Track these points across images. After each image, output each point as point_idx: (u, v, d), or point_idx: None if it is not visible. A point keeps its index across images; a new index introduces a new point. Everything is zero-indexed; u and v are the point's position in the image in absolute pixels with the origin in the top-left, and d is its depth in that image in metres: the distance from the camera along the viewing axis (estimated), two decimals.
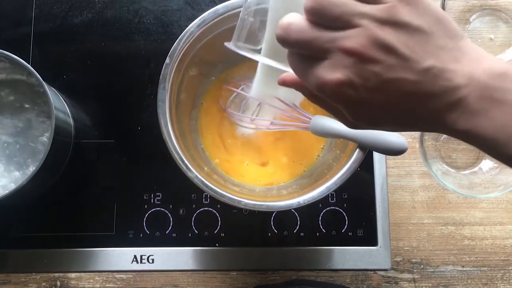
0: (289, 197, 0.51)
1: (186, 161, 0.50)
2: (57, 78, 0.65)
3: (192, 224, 0.61)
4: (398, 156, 0.63)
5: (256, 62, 0.61)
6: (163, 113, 0.50)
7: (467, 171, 0.64)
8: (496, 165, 0.62)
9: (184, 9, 0.66)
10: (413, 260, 0.62)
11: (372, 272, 0.62)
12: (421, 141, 0.61)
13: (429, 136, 0.64)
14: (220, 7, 0.52)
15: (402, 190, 0.63)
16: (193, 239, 0.61)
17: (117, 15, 0.66)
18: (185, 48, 0.52)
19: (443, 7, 0.62)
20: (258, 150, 0.61)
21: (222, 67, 0.62)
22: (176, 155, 0.50)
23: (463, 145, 0.64)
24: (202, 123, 0.61)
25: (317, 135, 0.52)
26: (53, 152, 0.55)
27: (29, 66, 0.56)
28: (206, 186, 0.49)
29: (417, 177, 0.64)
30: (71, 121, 0.63)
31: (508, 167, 0.33)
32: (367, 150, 0.49)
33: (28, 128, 0.61)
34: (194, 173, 0.49)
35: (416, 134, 0.64)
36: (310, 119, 0.53)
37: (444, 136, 0.65)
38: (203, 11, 0.64)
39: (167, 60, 0.51)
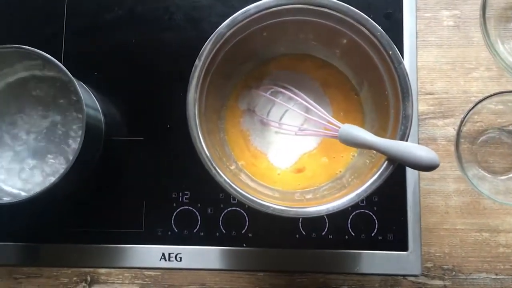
0: (318, 202, 0.50)
1: (215, 165, 0.49)
2: (88, 75, 0.65)
3: (220, 223, 0.61)
4: None
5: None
6: (192, 116, 0.50)
7: (504, 177, 0.61)
8: None
9: (214, 5, 0.65)
10: (445, 267, 0.61)
11: (401, 277, 0.61)
12: (456, 144, 0.58)
13: (465, 140, 0.62)
14: (251, 7, 0.51)
15: (435, 195, 0.62)
16: (220, 239, 0.61)
17: (148, 12, 0.66)
18: (215, 49, 0.51)
19: (485, 5, 0.59)
20: (290, 155, 0.60)
21: (250, 66, 0.61)
22: (205, 159, 0.49)
23: (501, 149, 0.62)
24: (228, 123, 0.60)
25: (345, 144, 0.51)
26: (85, 149, 0.56)
27: (59, 63, 0.56)
28: (235, 190, 0.49)
29: (451, 181, 0.62)
30: (102, 118, 0.63)
31: None
32: (397, 163, 0.47)
33: (61, 124, 0.62)
34: (223, 177, 0.49)
35: (452, 136, 0.62)
36: (339, 127, 0.51)
37: (481, 139, 0.62)
38: (234, 7, 0.64)
39: (197, 62, 0.51)
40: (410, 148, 0.46)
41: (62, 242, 0.62)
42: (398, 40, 0.63)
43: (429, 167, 0.45)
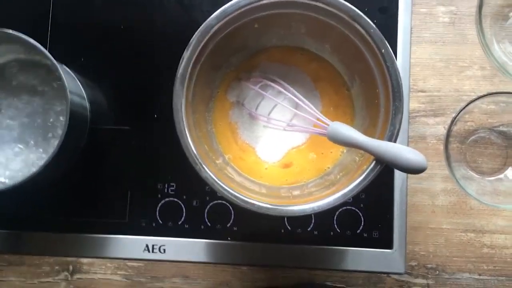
0: (305, 200, 0.50)
1: (200, 160, 0.49)
2: (75, 60, 0.63)
3: (205, 216, 0.61)
4: None
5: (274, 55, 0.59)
6: (178, 109, 0.49)
7: (492, 178, 0.61)
8: None
9: None
10: (429, 266, 0.61)
11: (385, 275, 0.61)
12: (446, 143, 0.58)
13: (454, 139, 0.61)
14: None
15: (423, 193, 0.61)
16: (205, 232, 0.61)
17: None
18: (204, 40, 0.50)
19: (481, 1, 0.58)
20: (278, 150, 0.59)
21: (241, 57, 0.59)
22: (190, 154, 0.49)
23: (490, 150, 0.61)
24: (216, 115, 0.59)
25: (334, 143, 0.50)
26: (69, 137, 0.55)
27: (42, 47, 0.55)
28: (220, 186, 0.48)
29: (439, 180, 0.61)
30: (87, 105, 0.61)
31: None
32: (384, 164, 0.47)
33: (45, 110, 0.61)
34: (208, 173, 0.48)
35: (441, 135, 0.61)
36: (328, 125, 0.50)
37: (471, 139, 0.62)
38: None
39: (185, 53, 0.49)
40: (398, 150, 0.45)
41: (45, 231, 0.61)
42: (392, 35, 0.62)
43: (417, 170, 0.44)
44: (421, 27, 0.63)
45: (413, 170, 0.44)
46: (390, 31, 0.62)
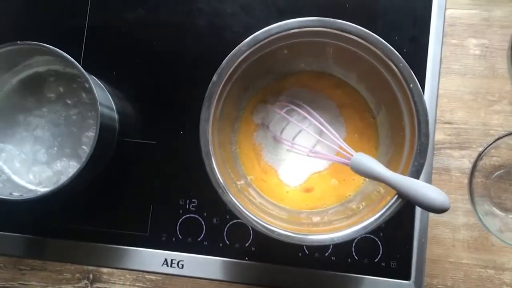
0: (324, 230, 0.50)
1: (223, 183, 0.49)
2: (107, 74, 0.65)
3: (224, 234, 0.61)
4: (444, 190, 0.60)
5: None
6: (204, 132, 0.50)
7: None
8: None
9: (238, 14, 0.65)
10: None
11: None
12: (470, 177, 0.57)
13: (479, 173, 0.61)
14: (274, 27, 0.50)
15: (444, 226, 0.61)
16: (223, 250, 0.61)
17: (170, 14, 0.65)
18: (234, 66, 0.51)
19: None
20: (300, 174, 0.59)
21: (268, 80, 0.60)
22: (214, 177, 0.49)
23: None
24: (241, 136, 0.60)
25: (356, 173, 0.50)
26: (98, 147, 0.56)
27: (72, 60, 0.56)
28: (241, 211, 0.49)
29: (461, 214, 0.61)
30: (116, 117, 0.63)
31: None
32: (406, 199, 0.47)
33: (76, 121, 0.62)
34: (230, 197, 0.49)
35: (466, 169, 0.61)
36: (352, 155, 0.51)
37: (496, 174, 0.61)
38: (257, 18, 0.63)
39: (214, 78, 0.50)
40: (421, 188, 0.45)
41: (68, 238, 0.63)
42: (421, 65, 0.62)
43: (439, 210, 0.44)
44: (451, 58, 0.62)
45: (436, 209, 0.44)
46: (419, 61, 0.62)
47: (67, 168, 0.62)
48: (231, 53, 0.50)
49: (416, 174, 0.48)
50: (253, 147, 0.60)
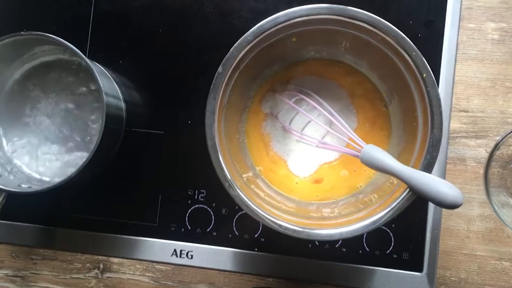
0: (334, 224, 0.49)
1: (229, 177, 0.48)
2: (114, 62, 0.64)
3: (233, 225, 0.61)
4: (459, 181, 0.59)
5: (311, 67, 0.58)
6: (210, 125, 0.49)
7: None
8: None
9: None
10: None
11: None
12: (486, 167, 0.56)
13: (496, 163, 0.59)
14: (280, 15, 0.48)
15: (458, 217, 0.59)
16: (233, 240, 0.61)
17: (178, 1, 0.64)
18: (240, 56, 0.49)
19: None
20: (309, 164, 0.58)
21: (277, 68, 0.58)
22: (220, 170, 0.49)
23: None
24: (249, 126, 0.59)
25: (366, 166, 0.49)
26: (105, 138, 0.56)
27: (75, 48, 0.55)
28: (248, 205, 0.48)
29: (476, 205, 0.59)
30: (124, 106, 0.62)
31: None
32: (418, 195, 0.45)
33: (83, 111, 0.62)
34: (237, 191, 0.48)
35: (482, 158, 0.59)
36: (362, 147, 0.49)
37: None
38: (266, 2, 0.61)
39: (220, 69, 0.49)
40: (433, 182, 0.44)
41: (78, 229, 0.63)
42: (437, 50, 0.59)
43: (451, 206, 0.43)
44: (468, 43, 0.60)
45: (447, 205, 0.42)
46: (434, 46, 0.59)
47: (75, 159, 0.62)
48: (237, 43, 0.49)
49: (428, 168, 0.46)
50: (262, 137, 0.59)
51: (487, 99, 0.59)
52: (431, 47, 0.59)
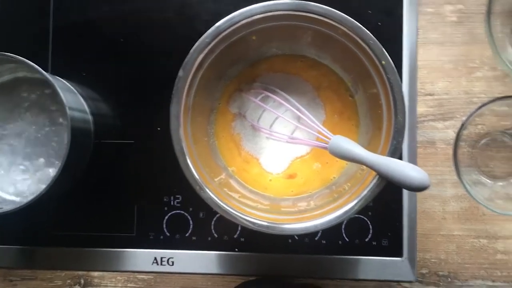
0: (309, 217, 0.49)
1: (199, 180, 0.48)
2: (77, 76, 0.63)
3: (212, 228, 0.61)
4: (430, 163, 0.60)
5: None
6: (176, 129, 0.49)
7: (504, 182, 0.59)
8: None
9: (206, 2, 0.62)
10: (440, 273, 0.60)
11: (396, 283, 0.60)
12: (455, 148, 0.56)
13: (465, 143, 0.59)
14: (236, 15, 0.48)
15: (433, 200, 0.60)
16: (212, 243, 0.61)
17: (137, 8, 0.63)
18: (199, 58, 0.49)
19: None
20: (282, 161, 0.58)
21: (240, 67, 0.58)
22: (189, 174, 0.48)
23: (503, 153, 0.59)
24: (219, 127, 0.59)
25: (335, 157, 0.49)
26: (73, 153, 0.55)
27: (33, 65, 0.54)
28: (220, 206, 0.48)
29: (449, 186, 0.60)
30: (91, 120, 0.61)
31: None
32: (387, 180, 0.46)
33: (49, 127, 0.61)
34: (208, 193, 0.48)
35: (451, 139, 0.59)
36: (330, 138, 0.49)
37: (482, 142, 0.60)
38: (225, 4, 0.61)
39: (180, 73, 0.49)
40: (399, 167, 0.44)
41: (56, 246, 0.62)
42: (397, 37, 0.60)
43: (419, 188, 0.43)
44: (428, 28, 0.60)
45: (416, 188, 0.43)
46: (395, 34, 0.60)
47: (46, 176, 0.61)
48: (195, 45, 0.49)
49: (394, 153, 0.47)
50: (232, 137, 0.59)
51: (451, 81, 0.60)
52: (392, 34, 0.60)
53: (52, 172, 0.61)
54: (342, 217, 0.47)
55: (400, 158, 0.56)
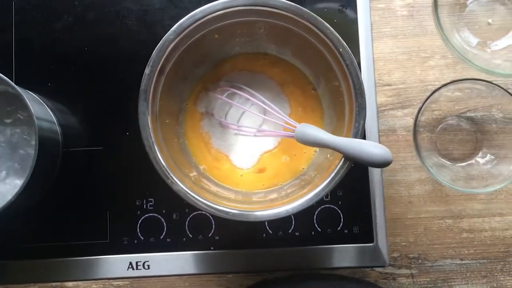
0: (281, 203, 0.50)
1: (171, 174, 0.49)
2: (43, 86, 0.63)
3: (186, 228, 0.61)
4: (393, 150, 0.62)
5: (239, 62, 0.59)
6: (144, 126, 0.49)
7: (464, 163, 0.62)
8: (493, 156, 0.60)
9: (167, 7, 0.64)
10: (411, 255, 0.62)
11: (369, 269, 0.62)
12: (414, 134, 0.59)
13: (424, 129, 0.62)
14: (197, 11, 0.50)
15: (398, 185, 0.62)
16: (187, 243, 0.61)
17: (99, 17, 0.64)
18: (164, 56, 0.50)
19: None
20: (251, 156, 0.59)
21: (206, 68, 0.60)
22: (161, 169, 0.49)
23: (460, 136, 0.63)
24: (187, 127, 0.60)
25: (302, 144, 0.51)
26: (41, 162, 0.55)
27: (5, 77, 0.55)
28: (193, 197, 0.49)
29: (412, 171, 0.62)
30: (59, 130, 0.61)
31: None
32: (353, 161, 0.47)
33: (16, 139, 0.61)
34: (180, 185, 0.49)
35: (411, 126, 0.62)
36: (296, 127, 0.51)
37: (440, 127, 0.63)
38: (187, 9, 0.63)
39: (147, 70, 0.50)
40: (362, 146, 0.46)
41: (28, 258, 0.61)
42: (353, 32, 0.63)
43: (382, 164, 0.45)
44: (381, 22, 0.64)
45: (379, 164, 0.45)
46: (351, 29, 0.63)
47: (15, 187, 0.60)
48: (160, 43, 0.50)
49: (357, 135, 0.49)
50: (201, 136, 0.60)
51: (406, 71, 0.63)
52: (348, 30, 0.63)
53: (19, 182, 0.60)
54: (312, 200, 0.48)
55: None
